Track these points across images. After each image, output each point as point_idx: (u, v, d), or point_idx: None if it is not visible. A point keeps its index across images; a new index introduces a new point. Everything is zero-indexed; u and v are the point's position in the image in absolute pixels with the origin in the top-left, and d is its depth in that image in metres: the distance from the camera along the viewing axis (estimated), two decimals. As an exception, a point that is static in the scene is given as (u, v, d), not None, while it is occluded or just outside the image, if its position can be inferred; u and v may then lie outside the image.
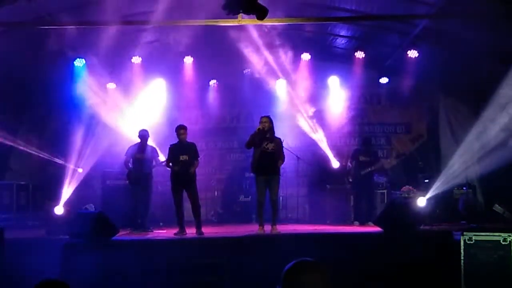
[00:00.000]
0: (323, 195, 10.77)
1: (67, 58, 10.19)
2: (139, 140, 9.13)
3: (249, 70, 11.70)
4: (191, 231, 8.16)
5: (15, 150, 11.60)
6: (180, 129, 8.31)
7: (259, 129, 8.04)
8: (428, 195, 9.48)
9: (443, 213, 9.45)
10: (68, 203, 9.09)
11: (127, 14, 8.96)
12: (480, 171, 10.08)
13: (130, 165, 9.07)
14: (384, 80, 11.97)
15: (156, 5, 8.26)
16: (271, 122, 8.17)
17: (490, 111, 9.04)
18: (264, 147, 8.07)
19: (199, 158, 8.54)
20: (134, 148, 9.12)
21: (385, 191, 10.48)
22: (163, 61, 11.20)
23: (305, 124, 11.53)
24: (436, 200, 9.51)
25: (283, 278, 2.05)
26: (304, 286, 2.00)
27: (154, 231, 8.88)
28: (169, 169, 8.42)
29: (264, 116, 8.26)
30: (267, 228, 8.25)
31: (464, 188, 9.75)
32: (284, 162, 8.52)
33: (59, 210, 8.83)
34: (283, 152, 8.34)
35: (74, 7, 8.84)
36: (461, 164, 9.57)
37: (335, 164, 10.90)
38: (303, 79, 11.79)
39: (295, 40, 11.09)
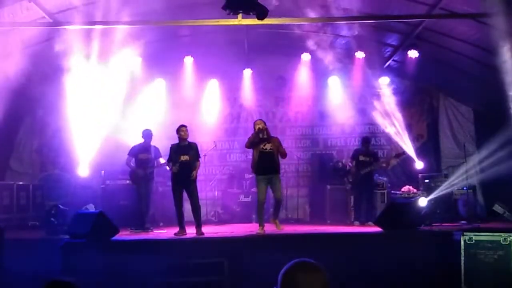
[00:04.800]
0: (323, 195, 10.76)
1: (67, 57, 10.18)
2: (142, 140, 9.15)
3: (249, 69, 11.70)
4: (191, 231, 8.16)
5: (15, 150, 11.63)
6: (182, 129, 8.32)
7: (259, 128, 8.19)
8: (431, 196, 9.50)
9: (443, 213, 9.45)
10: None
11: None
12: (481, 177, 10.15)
13: (133, 164, 9.08)
14: (384, 80, 11.98)
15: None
16: (264, 123, 8.46)
17: None
18: (262, 148, 8.23)
19: (200, 159, 8.56)
20: (138, 148, 9.13)
21: (385, 191, 10.47)
22: (163, 61, 11.21)
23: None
24: (436, 200, 9.52)
25: (281, 279, 2.05)
26: (302, 286, 2.00)
27: (154, 231, 8.88)
28: (169, 169, 8.42)
29: (258, 120, 8.71)
30: (268, 228, 8.30)
31: (464, 188, 9.75)
32: (284, 162, 8.62)
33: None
34: (283, 149, 8.48)
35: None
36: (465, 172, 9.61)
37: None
38: (303, 79, 11.82)
39: (295, 40, 11.10)
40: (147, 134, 9.15)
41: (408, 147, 11.44)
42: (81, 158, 10.72)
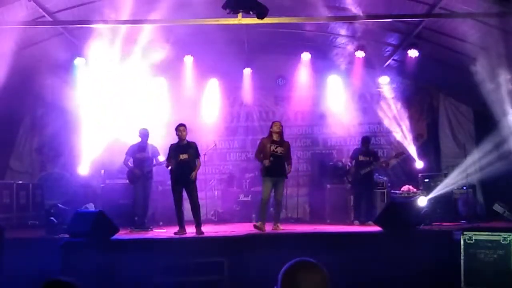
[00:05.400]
0: (323, 195, 10.76)
1: (67, 57, 10.18)
2: (139, 139, 9.14)
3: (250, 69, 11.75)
4: (191, 231, 8.16)
5: (15, 150, 11.62)
6: (180, 128, 8.32)
7: (266, 163, 8.28)
8: (430, 195, 9.50)
9: (443, 213, 9.45)
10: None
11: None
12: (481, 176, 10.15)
13: (130, 164, 9.08)
14: (384, 79, 11.97)
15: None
16: (281, 126, 8.61)
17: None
18: (273, 151, 8.37)
19: (200, 158, 8.56)
20: (135, 147, 9.12)
21: (385, 190, 10.46)
22: (163, 60, 11.18)
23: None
24: (436, 200, 9.51)
25: (281, 279, 2.05)
26: (301, 286, 2.00)
27: (154, 231, 8.88)
28: (168, 168, 8.44)
29: (277, 122, 8.76)
30: (268, 227, 8.35)
31: (464, 188, 9.75)
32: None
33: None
34: (290, 156, 8.66)
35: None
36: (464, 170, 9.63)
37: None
38: (303, 79, 11.81)
39: (295, 40, 11.10)
40: (144, 133, 9.14)
41: (408, 146, 11.44)
42: (83, 157, 10.73)
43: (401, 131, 11.67)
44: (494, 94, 8.89)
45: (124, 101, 11.05)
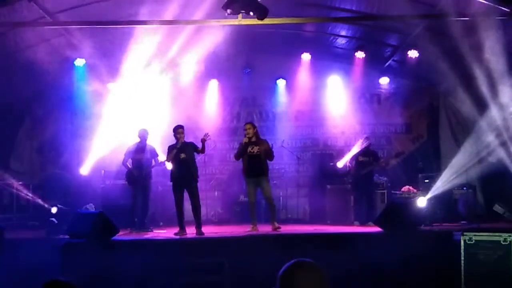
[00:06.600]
0: (323, 195, 10.74)
1: (67, 57, 10.18)
2: (138, 140, 9.14)
3: (249, 69, 11.76)
4: (191, 231, 8.16)
5: (15, 150, 11.63)
6: (179, 131, 8.33)
7: (245, 140, 8.44)
8: (429, 195, 9.49)
9: (443, 213, 9.44)
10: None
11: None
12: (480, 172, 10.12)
13: (129, 165, 9.07)
14: (384, 80, 11.97)
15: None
16: (254, 127, 8.62)
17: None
18: (249, 151, 8.43)
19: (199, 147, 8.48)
20: (133, 148, 9.11)
21: (385, 191, 10.44)
22: (165, 61, 11.18)
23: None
24: (436, 200, 9.51)
25: (279, 279, 2.04)
26: (300, 286, 2.00)
27: (154, 231, 8.89)
28: (169, 169, 8.44)
29: (247, 123, 8.82)
30: (267, 228, 8.34)
31: (464, 188, 9.74)
32: (284, 162, 8.64)
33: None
34: (272, 153, 8.63)
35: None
36: (462, 165, 9.60)
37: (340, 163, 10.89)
38: (303, 79, 11.80)
39: (295, 40, 11.10)
40: (143, 134, 9.14)
41: (408, 146, 11.44)
42: (83, 158, 10.72)
43: (401, 131, 11.66)
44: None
45: (125, 102, 11.05)
